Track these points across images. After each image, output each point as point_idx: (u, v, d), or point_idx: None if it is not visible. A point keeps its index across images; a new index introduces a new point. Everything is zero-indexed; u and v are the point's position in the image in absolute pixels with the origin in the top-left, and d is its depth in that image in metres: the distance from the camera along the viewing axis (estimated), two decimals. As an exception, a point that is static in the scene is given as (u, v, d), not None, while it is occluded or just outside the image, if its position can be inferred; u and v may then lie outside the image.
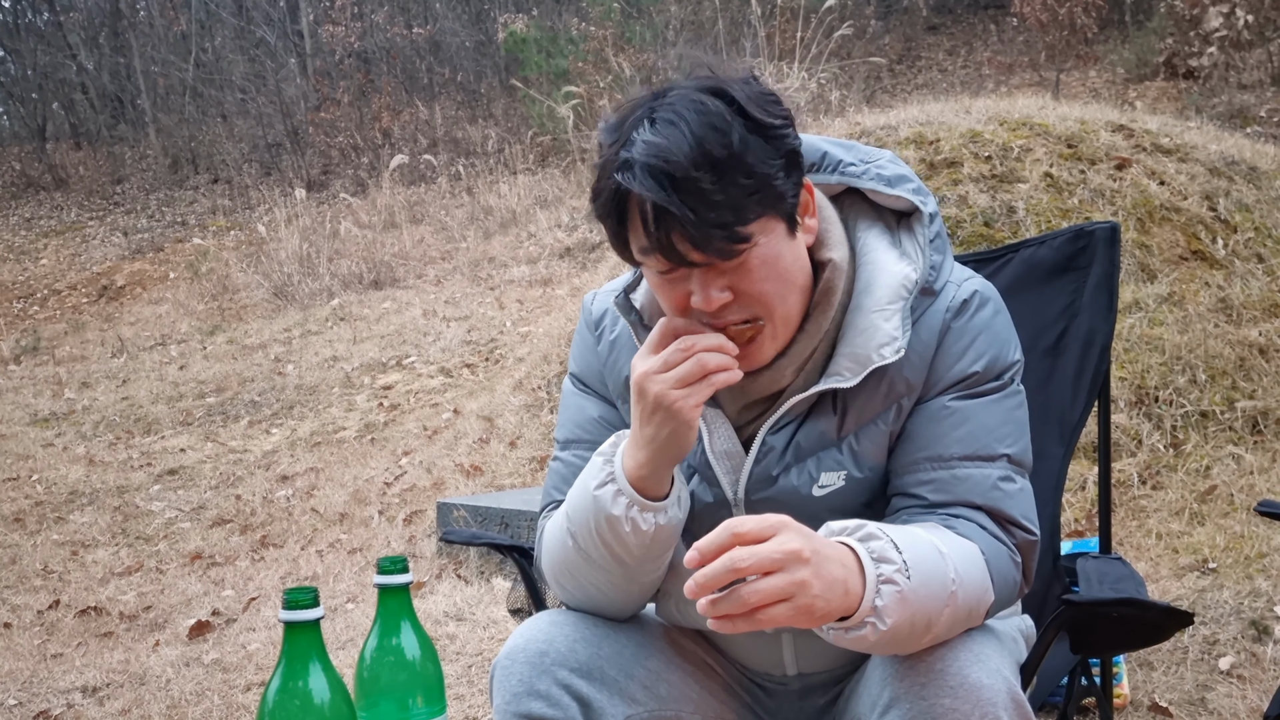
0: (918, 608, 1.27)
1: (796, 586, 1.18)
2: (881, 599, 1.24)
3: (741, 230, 1.36)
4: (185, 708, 3.48)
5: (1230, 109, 9.72)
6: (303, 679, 1.34)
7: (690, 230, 1.34)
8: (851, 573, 1.24)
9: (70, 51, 17.89)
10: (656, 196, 1.33)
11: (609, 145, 1.40)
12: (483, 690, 3.30)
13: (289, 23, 16.92)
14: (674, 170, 1.32)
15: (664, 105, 1.37)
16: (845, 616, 1.25)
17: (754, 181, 1.35)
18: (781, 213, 1.41)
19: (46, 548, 5.57)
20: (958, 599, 1.32)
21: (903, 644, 1.31)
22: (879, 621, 1.25)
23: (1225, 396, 4.32)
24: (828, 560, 1.22)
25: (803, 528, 1.23)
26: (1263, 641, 3.07)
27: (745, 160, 1.35)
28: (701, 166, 1.33)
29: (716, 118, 1.35)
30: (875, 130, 5.86)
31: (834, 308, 1.48)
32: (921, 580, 1.27)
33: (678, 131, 1.34)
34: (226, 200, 14.34)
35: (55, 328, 11.01)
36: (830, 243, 1.51)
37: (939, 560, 1.32)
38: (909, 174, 1.57)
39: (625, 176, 1.35)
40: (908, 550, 1.28)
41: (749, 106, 1.37)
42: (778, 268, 1.41)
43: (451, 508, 4.73)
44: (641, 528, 1.45)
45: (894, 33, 14.34)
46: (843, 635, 1.27)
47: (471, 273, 9.49)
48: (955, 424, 1.46)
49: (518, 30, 12.97)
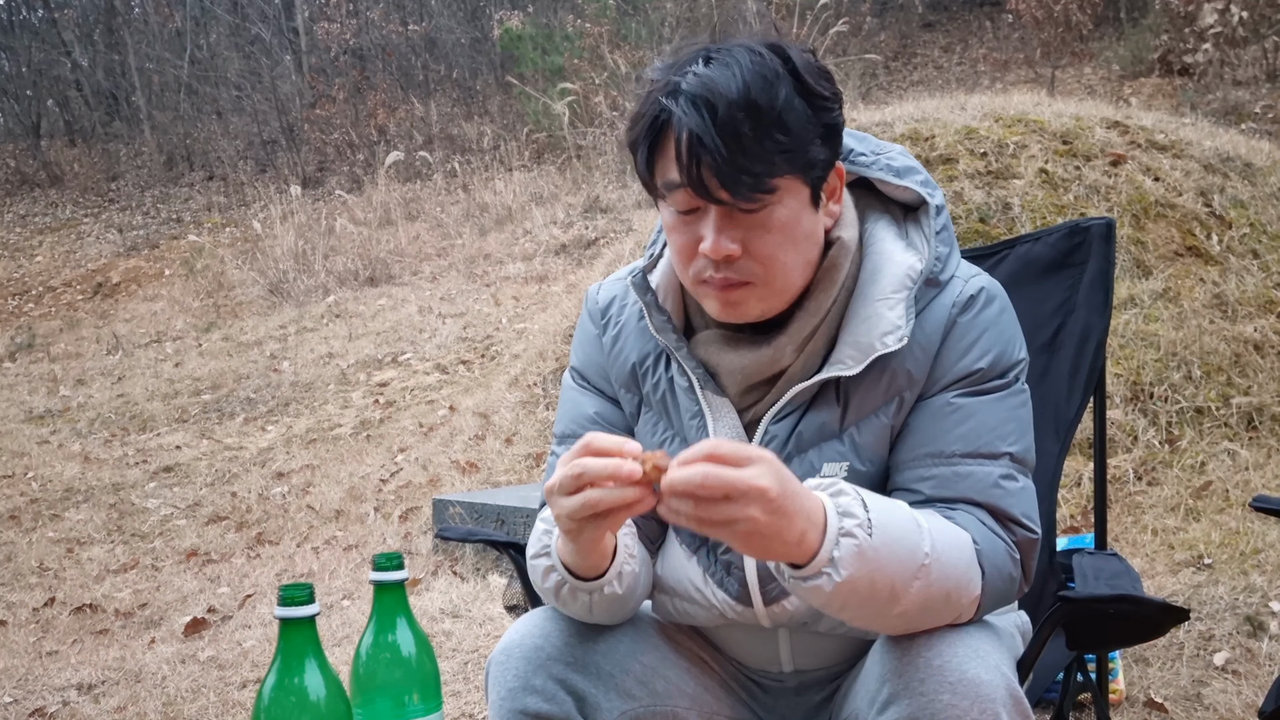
0: (879, 569, 1.27)
1: (747, 521, 1.20)
2: (839, 550, 1.25)
3: (770, 182, 1.37)
4: (181, 705, 3.48)
5: (1225, 105, 9.72)
6: (298, 676, 1.34)
7: (722, 167, 1.35)
8: (814, 525, 1.25)
9: (65, 48, 17.85)
10: (695, 125, 1.35)
11: (660, 75, 1.42)
12: (479, 687, 3.30)
13: (284, 19, 16.89)
14: (718, 105, 1.35)
15: (722, 49, 1.40)
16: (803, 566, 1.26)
17: (789, 140, 1.37)
18: (809, 179, 1.42)
19: (42, 545, 5.56)
20: (931, 574, 1.31)
21: (865, 608, 1.31)
22: (834, 572, 1.25)
23: (1220, 392, 4.33)
24: (792, 511, 1.22)
25: (784, 469, 1.23)
26: (1258, 637, 3.07)
27: (785, 118, 1.37)
28: (744, 109, 1.35)
29: (769, 70, 1.37)
30: (871, 127, 5.86)
31: (836, 286, 1.49)
32: (886, 542, 1.28)
33: (729, 72, 1.36)
34: (222, 197, 14.31)
35: (50, 325, 11.00)
36: (841, 223, 1.52)
37: (913, 530, 1.32)
38: (918, 167, 1.58)
39: (670, 101, 1.38)
40: (877, 511, 1.29)
41: (803, 71, 1.40)
42: (794, 233, 1.43)
43: (447, 504, 4.73)
44: (579, 599, 1.46)
45: (889, 30, 14.33)
46: (801, 585, 1.28)
47: (467, 269, 9.49)
48: (958, 420, 1.46)
49: (513, 27, 12.95)
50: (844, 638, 1.58)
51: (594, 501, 1.26)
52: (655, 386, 1.60)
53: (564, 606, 1.50)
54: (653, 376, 1.60)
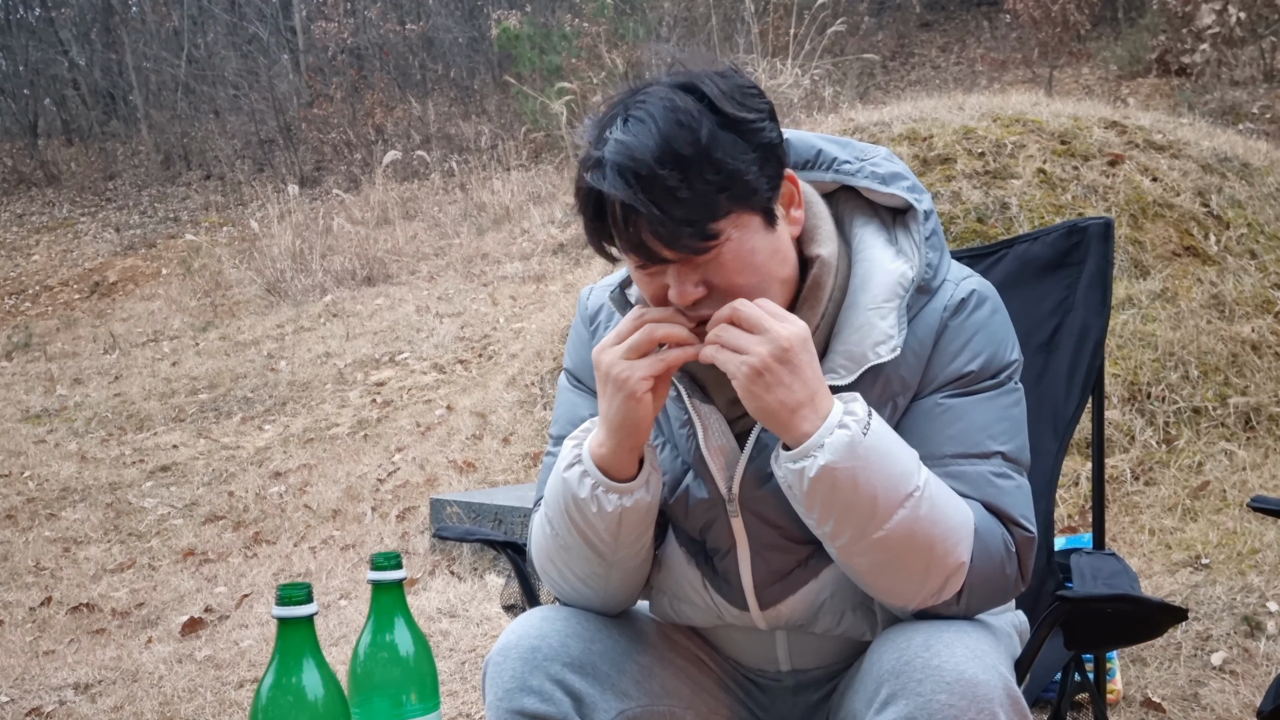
0: (865, 470, 1.33)
1: (756, 355, 1.34)
2: (832, 438, 1.33)
3: (711, 227, 1.37)
4: (178, 704, 3.47)
5: (1222, 105, 9.73)
6: (296, 675, 1.33)
7: (658, 228, 1.35)
8: (817, 406, 1.36)
9: (62, 47, 17.82)
10: (624, 195, 1.34)
11: (587, 144, 1.43)
12: (476, 687, 3.30)
13: (281, 19, 16.87)
14: (639, 169, 1.34)
15: (636, 104, 1.39)
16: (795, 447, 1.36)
17: (722, 177, 1.36)
18: (755, 206, 1.41)
19: (38, 544, 5.55)
20: (919, 509, 1.34)
21: (846, 515, 1.35)
22: (820, 454, 1.33)
23: (1218, 392, 4.33)
24: (799, 372, 1.35)
25: (811, 346, 1.38)
26: (1255, 637, 3.07)
27: (714, 156, 1.35)
28: (667, 164, 1.34)
29: (685, 114, 1.35)
30: (869, 127, 5.86)
31: (822, 304, 1.48)
32: (879, 448, 1.34)
33: (646, 129, 1.35)
34: (219, 196, 14.30)
35: (47, 324, 10.98)
36: (819, 239, 1.50)
37: (910, 460, 1.38)
38: (904, 171, 1.56)
39: (594, 176, 1.38)
40: (879, 428, 1.37)
41: (720, 101, 1.37)
42: (752, 261, 1.42)
43: (445, 504, 4.73)
44: (607, 509, 1.46)
45: (887, 29, 14.33)
46: (789, 466, 1.36)
47: (465, 269, 9.48)
48: (948, 422, 1.46)
49: (511, 26, 12.94)
50: (841, 638, 1.58)
51: (652, 332, 1.41)
52: None
53: (590, 528, 1.49)
54: None
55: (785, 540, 1.52)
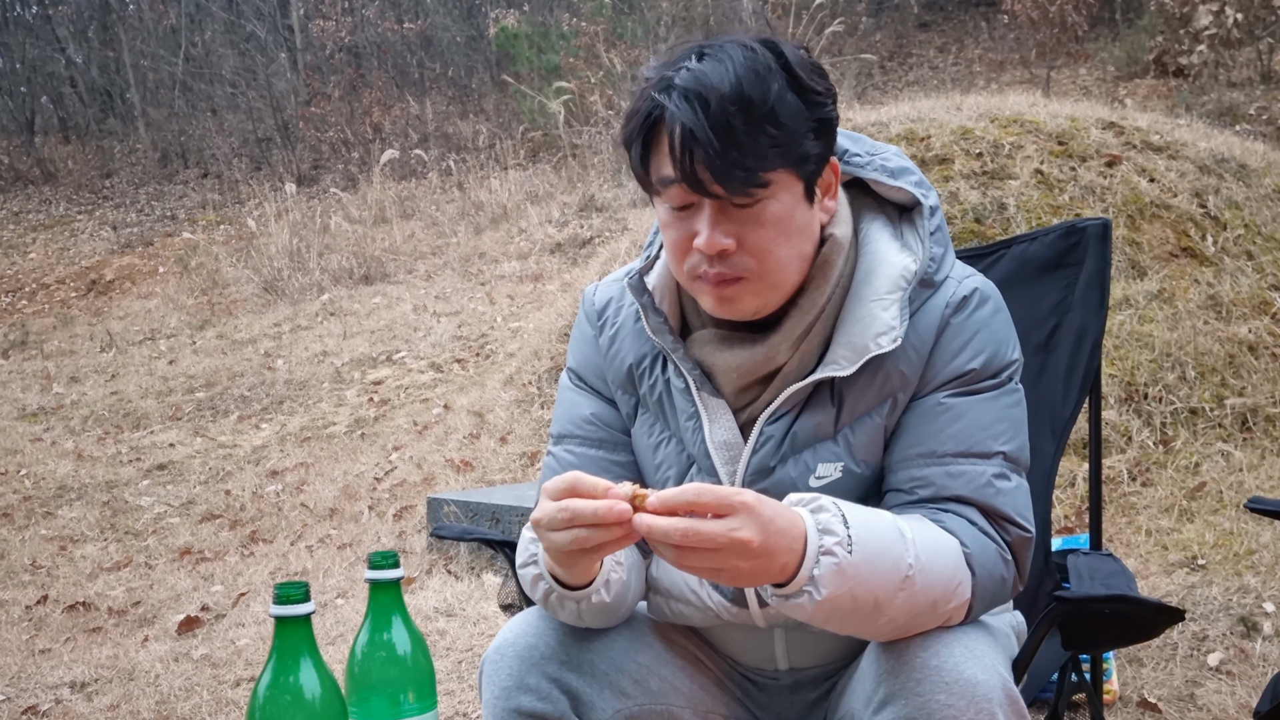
0: (860, 584, 1.28)
1: (730, 570, 1.24)
2: (819, 569, 1.26)
3: (762, 175, 1.38)
4: (174, 703, 3.47)
5: (1220, 107, 9.73)
6: (293, 674, 1.33)
7: (715, 160, 1.36)
8: (795, 549, 1.26)
9: (59, 45, 17.80)
10: (688, 120, 1.36)
11: (654, 72, 1.43)
12: (473, 686, 3.30)
13: (279, 17, 16.85)
14: (710, 99, 1.35)
15: (715, 45, 1.41)
16: (785, 583, 1.28)
17: (782, 134, 1.38)
18: (802, 173, 1.43)
19: (35, 543, 5.55)
20: (915, 585, 1.32)
21: (848, 620, 1.32)
22: (815, 591, 1.27)
23: (1215, 393, 4.33)
24: (774, 550, 1.24)
25: (765, 511, 1.24)
26: (1251, 638, 3.08)
27: (778, 112, 1.37)
28: (736, 103, 1.35)
29: (761, 65, 1.38)
30: (867, 127, 5.86)
31: (830, 284, 1.49)
32: (867, 558, 1.28)
33: (722, 67, 1.37)
34: (216, 195, 14.29)
35: (44, 322, 10.97)
36: (836, 219, 1.52)
37: (896, 542, 1.32)
38: (912, 168, 1.58)
39: (664, 96, 1.39)
40: (858, 527, 1.29)
41: (796, 66, 1.40)
42: (787, 227, 1.43)
43: (442, 503, 4.72)
44: (566, 607, 1.46)
45: (885, 30, 14.34)
46: (783, 602, 1.29)
47: (462, 268, 9.48)
48: (950, 420, 1.46)
49: (509, 26, 12.95)
50: (839, 636, 1.58)
51: (583, 539, 1.28)
52: (652, 388, 1.60)
53: (554, 613, 1.50)
54: (649, 378, 1.61)
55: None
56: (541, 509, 1.31)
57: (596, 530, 1.27)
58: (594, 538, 1.28)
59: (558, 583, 1.45)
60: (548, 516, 1.29)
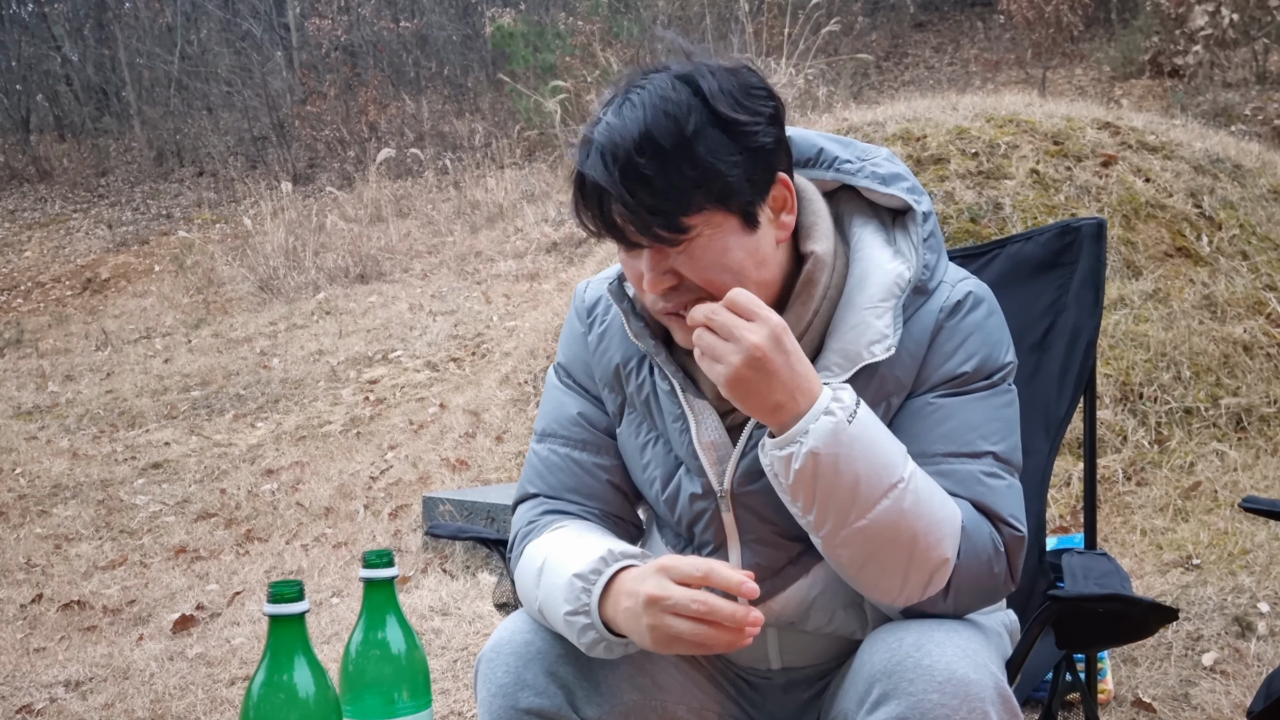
0: (850, 458, 1.33)
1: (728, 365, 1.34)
2: (816, 424, 1.34)
3: (682, 220, 1.38)
4: (169, 702, 3.47)
5: (1215, 107, 9.75)
6: (288, 673, 1.33)
7: (629, 214, 1.38)
8: (802, 398, 1.36)
9: (55, 43, 17.77)
10: (599, 177, 1.38)
11: (589, 121, 1.45)
12: (468, 685, 3.30)
13: (275, 16, 16.84)
14: (618, 153, 1.37)
15: (635, 88, 1.41)
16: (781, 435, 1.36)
17: (699, 173, 1.37)
18: (732, 207, 1.40)
19: (29, 541, 5.54)
20: (903, 500, 1.35)
21: (828, 500, 1.35)
22: (804, 440, 1.33)
23: (1209, 393, 4.34)
24: (776, 372, 1.34)
25: (787, 338, 1.36)
26: (1246, 637, 3.08)
27: (694, 151, 1.36)
28: (645, 152, 1.36)
29: (674, 105, 1.37)
30: (862, 126, 5.86)
31: (815, 300, 1.48)
32: (864, 437, 1.35)
33: (634, 116, 1.38)
34: (212, 193, 14.27)
35: (39, 320, 10.96)
36: (815, 236, 1.50)
37: (897, 452, 1.38)
38: (905, 172, 1.57)
39: (579, 155, 1.42)
40: (866, 417, 1.37)
41: (715, 99, 1.38)
42: (723, 260, 1.42)
43: (437, 502, 4.72)
44: (615, 651, 1.43)
45: (881, 29, 14.34)
46: (775, 453, 1.37)
47: (458, 267, 9.48)
48: (939, 420, 1.47)
49: (505, 24, 12.94)
50: (832, 636, 1.58)
51: (705, 637, 1.30)
52: (639, 388, 1.60)
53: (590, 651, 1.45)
54: (636, 378, 1.61)
55: (776, 536, 1.53)
56: (667, 591, 1.30)
57: (722, 632, 1.29)
58: (717, 639, 1.29)
59: (611, 632, 1.41)
60: (679, 604, 1.30)
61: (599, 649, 1.43)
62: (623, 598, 1.37)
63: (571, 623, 1.43)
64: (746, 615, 1.29)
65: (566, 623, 1.43)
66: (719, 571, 1.30)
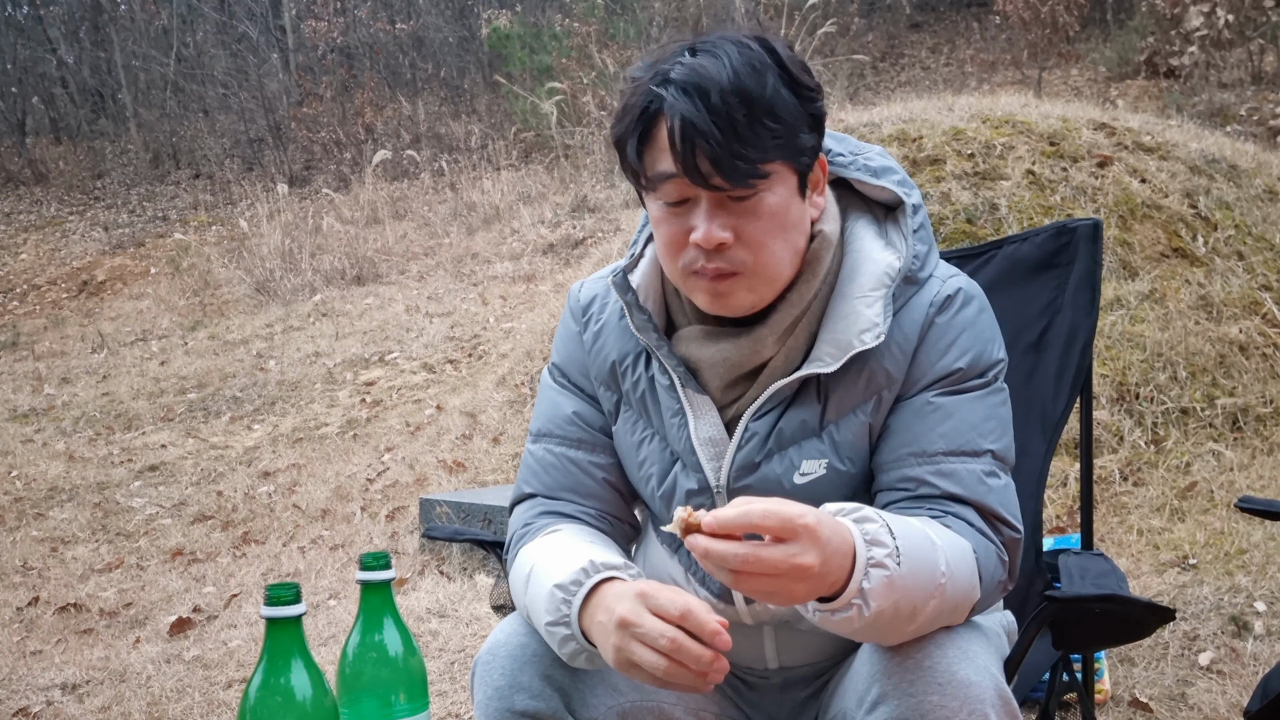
0: (904, 595, 1.27)
1: (784, 593, 1.22)
2: (869, 582, 1.25)
3: (762, 166, 1.39)
4: (166, 705, 3.46)
5: (1211, 108, 9.76)
6: (285, 675, 1.33)
7: (716, 151, 1.36)
8: (845, 564, 1.25)
9: (50, 45, 17.75)
10: (689, 112, 1.36)
11: (644, 70, 1.44)
12: (465, 687, 3.30)
13: (271, 18, 16.82)
14: (710, 92, 1.36)
15: (707, 42, 1.42)
16: (833, 597, 1.26)
17: (780, 127, 1.39)
18: (798, 166, 1.44)
19: (26, 544, 5.53)
20: (945, 591, 1.32)
21: (885, 630, 1.31)
22: (864, 605, 1.25)
23: (1206, 393, 4.34)
24: (830, 572, 1.23)
25: (824, 533, 1.22)
26: (1242, 637, 3.08)
27: (775, 106, 1.39)
28: (736, 95, 1.37)
29: (756, 60, 1.40)
30: (859, 127, 5.87)
31: (818, 279, 1.50)
32: (912, 568, 1.28)
33: (719, 62, 1.38)
34: (208, 195, 14.26)
35: (35, 323, 10.94)
36: (825, 216, 1.54)
37: (931, 550, 1.32)
38: (895, 167, 1.59)
39: (662, 89, 1.39)
40: (901, 537, 1.28)
41: (788, 62, 1.42)
42: (783, 220, 1.44)
43: (434, 504, 4.72)
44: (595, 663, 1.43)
45: (877, 30, 14.35)
46: (829, 618, 1.27)
47: (454, 269, 9.47)
48: (939, 419, 1.47)
49: (501, 26, 12.93)
50: (828, 635, 1.58)
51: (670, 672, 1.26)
52: (635, 385, 1.60)
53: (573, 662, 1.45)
54: (633, 375, 1.61)
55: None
56: (639, 618, 1.28)
57: (684, 674, 1.26)
58: (678, 677, 1.26)
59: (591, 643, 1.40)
60: (648, 634, 1.27)
61: (580, 659, 1.43)
62: (599, 611, 1.36)
63: (552, 633, 1.43)
64: (712, 663, 1.26)
65: (547, 632, 1.43)
66: (696, 614, 1.26)
